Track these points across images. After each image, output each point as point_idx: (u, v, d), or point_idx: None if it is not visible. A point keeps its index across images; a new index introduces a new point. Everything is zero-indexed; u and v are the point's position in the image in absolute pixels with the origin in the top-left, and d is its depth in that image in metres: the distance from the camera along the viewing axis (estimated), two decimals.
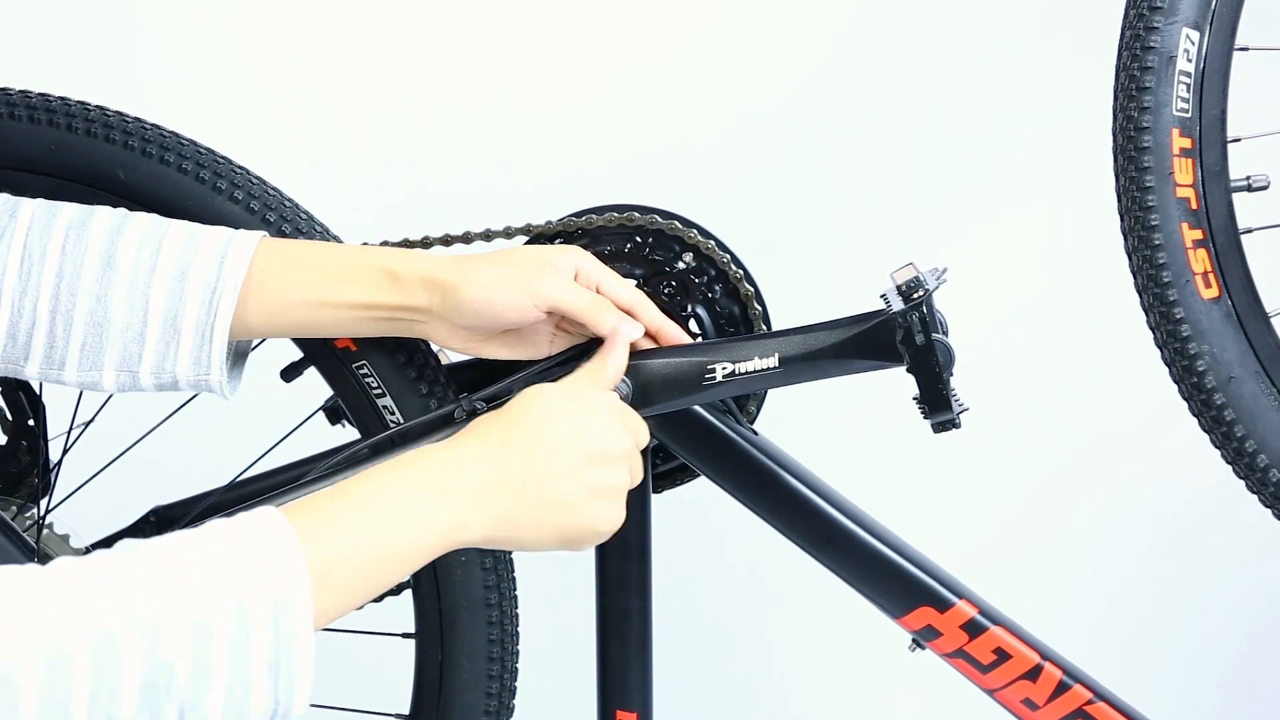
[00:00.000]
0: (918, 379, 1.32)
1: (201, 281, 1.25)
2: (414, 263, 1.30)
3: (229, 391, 1.29)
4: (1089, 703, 1.44)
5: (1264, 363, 1.39)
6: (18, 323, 1.24)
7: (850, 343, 1.34)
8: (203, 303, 1.25)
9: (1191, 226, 1.37)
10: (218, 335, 1.25)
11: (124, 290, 1.24)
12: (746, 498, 1.44)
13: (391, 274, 1.29)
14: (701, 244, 1.43)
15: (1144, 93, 1.36)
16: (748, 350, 1.36)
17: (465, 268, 1.30)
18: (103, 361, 1.25)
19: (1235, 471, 1.43)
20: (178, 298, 1.25)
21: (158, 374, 1.26)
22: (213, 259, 1.26)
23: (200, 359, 1.26)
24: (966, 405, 1.33)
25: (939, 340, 1.32)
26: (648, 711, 1.48)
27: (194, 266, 1.25)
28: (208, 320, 1.25)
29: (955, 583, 1.45)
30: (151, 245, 1.25)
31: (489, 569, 1.45)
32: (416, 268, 1.29)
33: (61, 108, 1.39)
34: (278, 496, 1.39)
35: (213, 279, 1.25)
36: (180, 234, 1.27)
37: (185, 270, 1.25)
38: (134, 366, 1.26)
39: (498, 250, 1.34)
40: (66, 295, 1.24)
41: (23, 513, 1.47)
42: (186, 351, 1.25)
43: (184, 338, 1.25)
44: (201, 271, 1.25)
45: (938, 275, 1.34)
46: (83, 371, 1.25)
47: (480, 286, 1.29)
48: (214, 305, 1.25)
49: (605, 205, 1.44)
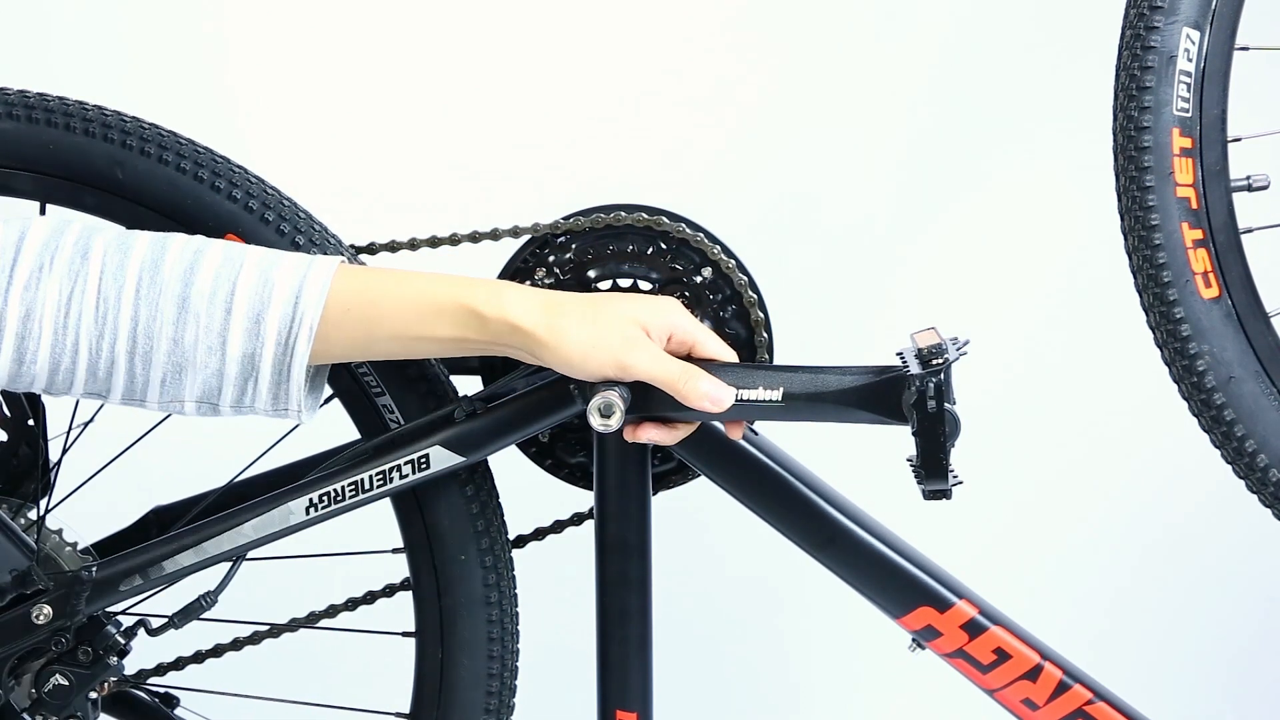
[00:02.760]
0: (919, 444, 1.33)
1: (277, 323, 1.27)
2: (499, 303, 1.30)
3: (307, 418, 1.32)
4: (1089, 703, 1.44)
5: (1264, 362, 1.39)
6: (96, 362, 1.26)
7: (858, 392, 1.35)
8: (279, 343, 1.27)
9: (1192, 226, 1.37)
10: (295, 374, 1.27)
11: (201, 335, 1.26)
12: (746, 498, 1.44)
13: (478, 316, 1.30)
14: (723, 261, 1.43)
15: (1144, 92, 1.36)
16: (754, 379, 1.36)
17: (553, 323, 1.30)
18: (183, 395, 1.28)
19: (1235, 471, 1.43)
20: (254, 338, 1.27)
21: (237, 406, 1.29)
22: (288, 299, 1.27)
23: (279, 395, 1.28)
24: (961, 479, 1.33)
25: (950, 411, 1.32)
26: (648, 711, 1.48)
27: (269, 310, 1.27)
28: (284, 359, 1.27)
29: (955, 583, 1.45)
30: (225, 288, 1.26)
31: (489, 568, 1.45)
32: (502, 311, 1.30)
33: (60, 107, 1.39)
34: (278, 497, 1.40)
35: (288, 319, 1.27)
36: (254, 273, 1.27)
37: (260, 314, 1.26)
38: (214, 399, 1.29)
39: (587, 299, 1.34)
40: (144, 339, 1.26)
41: (23, 512, 1.46)
42: (265, 389, 1.28)
43: (262, 376, 1.27)
44: (277, 314, 1.27)
45: (959, 346, 1.34)
46: (164, 403, 1.28)
47: (567, 348, 1.30)
48: (290, 346, 1.27)
49: (633, 204, 1.44)
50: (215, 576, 1.42)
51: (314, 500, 1.39)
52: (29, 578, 1.40)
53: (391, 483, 1.39)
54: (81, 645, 1.44)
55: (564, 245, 1.46)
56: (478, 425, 1.40)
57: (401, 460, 1.39)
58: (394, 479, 1.39)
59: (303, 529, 1.40)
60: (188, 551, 1.40)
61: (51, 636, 1.41)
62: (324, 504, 1.39)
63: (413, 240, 1.49)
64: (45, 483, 1.47)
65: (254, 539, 1.40)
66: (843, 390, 1.36)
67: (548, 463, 1.50)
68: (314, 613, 1.53)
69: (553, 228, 1.45)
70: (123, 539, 1.50)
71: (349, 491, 1.39)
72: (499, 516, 1.47)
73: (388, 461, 1.39)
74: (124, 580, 1.40)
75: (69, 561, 1.45)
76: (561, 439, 1.49)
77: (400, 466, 1.39)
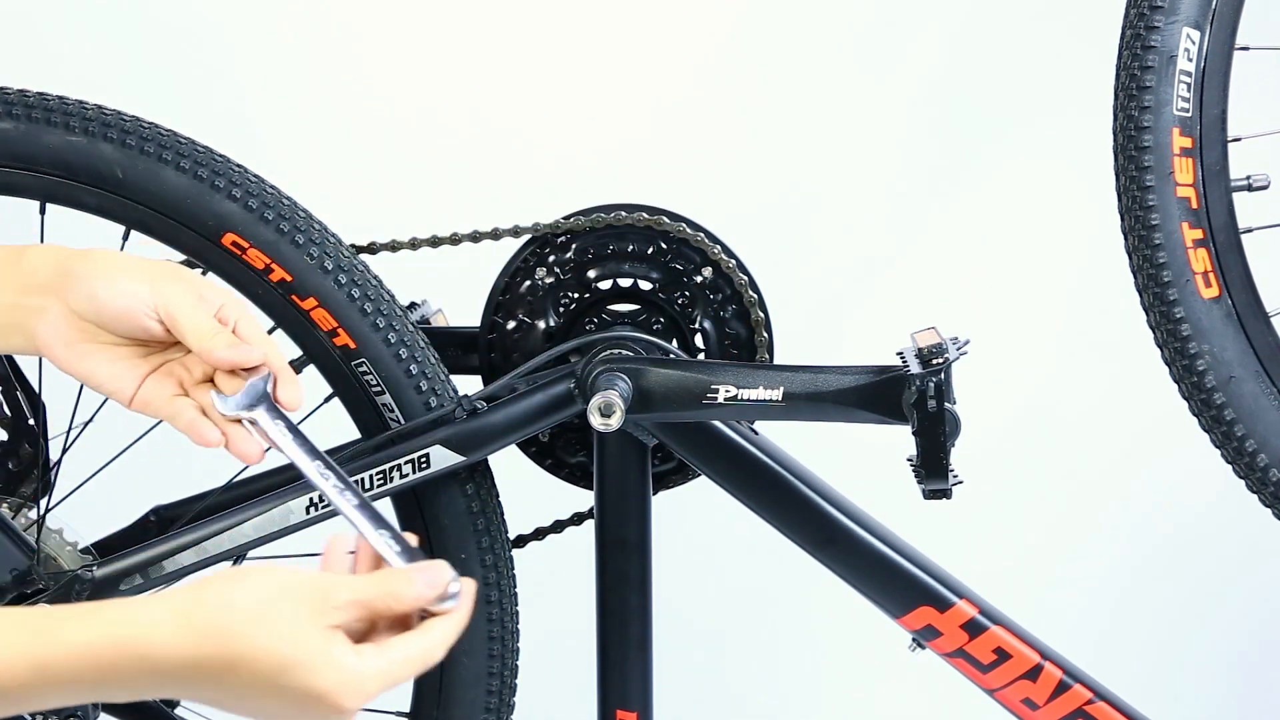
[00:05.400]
0: (919, 444, 1.33)
1: None
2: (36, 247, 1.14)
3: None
4: (1089, 703, 1.44)
5: (1264, 362, 1.39)
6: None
7: (858, 392, 1.35)
8: None
9: (1192, 226, 1.37)
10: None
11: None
12: (746, 497, 1.44)
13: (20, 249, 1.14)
14: (724, 261, 1.43)
15: (1144, 92, 1.36)
16: (755, 378, 1.37)
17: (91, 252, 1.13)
18: None
19: (1235, 471, 1.43)
20: None
21: None
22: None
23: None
24: (961, 479, 1.33)
25: (950, 410, 1.32)
26: (648, 711, 1.48)
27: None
28: None
29: (955, 583, 1.45)
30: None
31: (489, 567, 1.45)
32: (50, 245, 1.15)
33: (60, 107, 1.39)
34: (278, 497, 1.40)
35: None
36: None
37: None
38: None
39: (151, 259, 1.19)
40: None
41: (23, 512, 1.46)
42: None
43: None
44: None
45: (959, 346, 1.34)
46: None
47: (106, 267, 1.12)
48: None
49: (634, 204, 1.44)
50: None
51: (314, 500, 1.39)
52: (29, 577, 1.40)
53: (392, 482, 1.39)
54: None
55: (564, 245, 1.46)
56: (478, 425, 1.40)
57: (402, 459, 1.39)
58: (394, 478, 1.39)
59: (303, 529, 1.40)
60: (188, 551, 1.40)
61: None
62: (324, 503, 1.39)
63: (413, 240, 1.50)
64: (45, 482, 1.47)
65: (254, 539, 1.40)
66: (843, 390, 1.36)
67: (548, 462, 1.50)
68: None
69: (553, 228, 1.45)
70: (123, 539, 1.50)
71: None
72: (499, 516, 1.47)
73: (388, 461, 1.39)
74: (124, 580, 1.40)
75: (69, 561, 1.45)
76: (561, 439, 1.49)
77: (400, 466, 1.39)
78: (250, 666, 0.94)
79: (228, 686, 0.95)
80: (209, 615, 0.95)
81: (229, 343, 1.10)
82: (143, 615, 0.95)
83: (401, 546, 1.00)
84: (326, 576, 0.99)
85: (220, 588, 0.96)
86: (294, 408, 1.14)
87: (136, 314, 1.11)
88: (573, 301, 1.47)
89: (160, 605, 0.95)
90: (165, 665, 0.94)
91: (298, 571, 0.98)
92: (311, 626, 0.95)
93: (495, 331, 1.48)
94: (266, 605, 0.95)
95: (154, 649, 0.94)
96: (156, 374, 1.14)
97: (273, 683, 0.94)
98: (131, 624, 0.94)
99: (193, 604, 0.95)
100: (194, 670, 0.94)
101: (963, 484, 1.34)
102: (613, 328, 1.46)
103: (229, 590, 0.96)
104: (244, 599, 0.95)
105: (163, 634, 0.94)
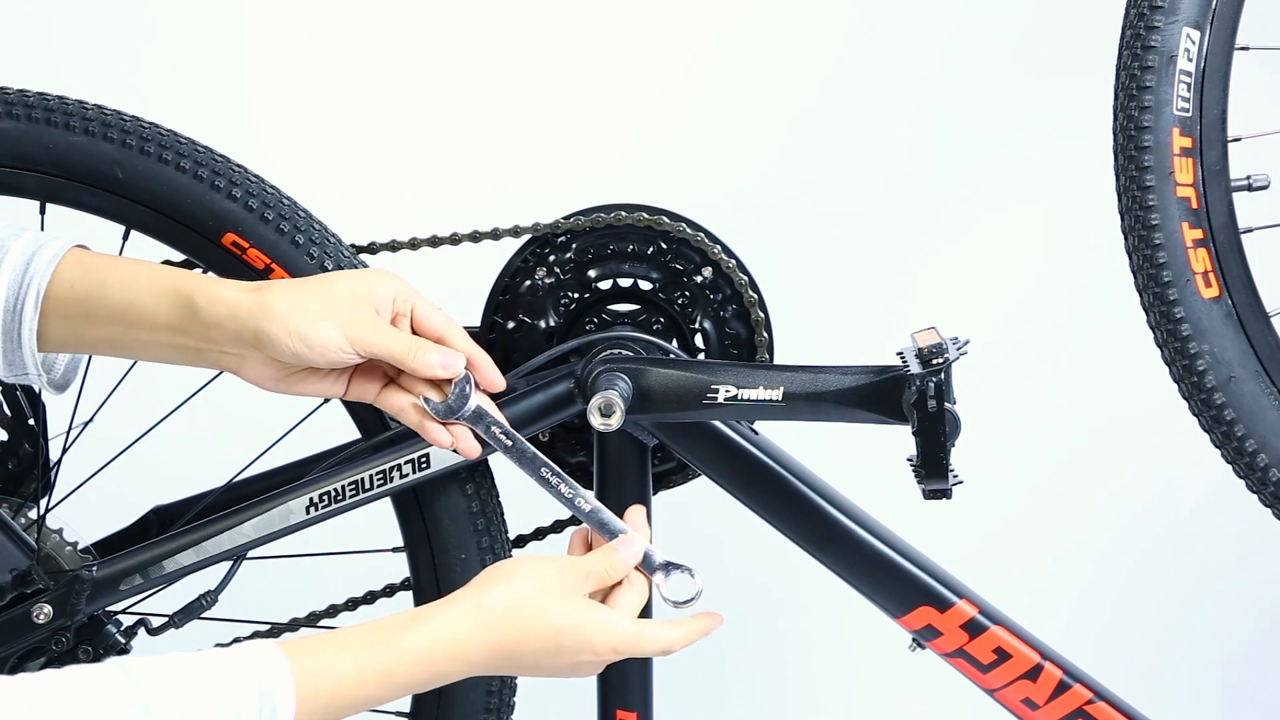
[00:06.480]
0: (919, 444, 1.33)
1: (5, 288, 1.24)
2: (214, 287, 1.26)
3: (48, 386, 1.30)
4: (1089, 702, 1.44)
5: (1264, 362, 1.39)
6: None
7: (858, 392, 1.35)
8: (6, 309, 1.24)
9: (1192, 226, 1.37)
10: (25, 339, 1.25)
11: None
12: (747, 497, 1.44)
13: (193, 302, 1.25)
14: (724, 261, 1.43)
15: (1144, 92, 1.36)
16: (754, 378, 1.37)
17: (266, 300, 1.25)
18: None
19: (1235, 471, 1.43)
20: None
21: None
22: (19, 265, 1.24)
23: (14, 361, 1.26)
24: (961, 479, 1.34)
25: (950, 410, 1.32)
26: (648, 711, 1.48)
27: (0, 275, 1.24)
28: (13, 325, 1.24)
29: (955, 583, 1.45)
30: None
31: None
32: (217, 294, 1.25)
33: (60, 106, 1.39)
34: (278, 497, 1.40)
35: (17, 285, 1.24)
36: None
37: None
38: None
39: (310, 280, 1.30)
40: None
41: (23, 512, 1.46)
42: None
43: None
44: (5, 279, 1.24)
45: (959, 346, 1.34)
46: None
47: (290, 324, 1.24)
48: (19, 312, 1.24)
49: (634, 204, 1.44)
50: (215, 576, 1.42)
51: (314, 500, 1.39)
52: (29, 577, 1.40)
53: (392, 482, 1.39)
54: (82, 645, 1.44)
55: (564, 245, 1.46)
56: None
57: (402, 459, 1.39)
58: (394, 478, 1.39)
59: (303, 528, 1.40)
60: (188, 551, 1.40)
61: (52, 636, 1.41)
62: (324, 503, 1.39)
63: (413, 240, 1.50)
64: (45, 482, 1.47)
65: (254, 538, 1.40)
66: (843, 390, 1.36)
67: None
68: (314, 612, 1.53)
69: (553, 228, 1.45)
70: (123, 539, 1.50)
71: (349, 491, 1.39)
72: (499, 516, 1.47)
73: (388, 460, 1.39)
74: (124, 580, 1.40)
75: (69, 561, 1.45)
76: (562, 439, 1.49)
77: (400, 465, 1.39)
78: (538, 638, 1.19)
79: (518, 657, 1.19)
80: (495, 605, 1.18)
81: (432, 364, 1.28)
82: (452, 616, 1.18)
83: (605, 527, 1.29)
84: (568, 559, 1.24)
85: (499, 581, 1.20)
86: (496, 389, 1.32)
87: (334, 355, 1.26)
88: (573, 301, 1.47)
89: (458, 606, 1.18)
90: (474, 654, 1.17)
91: (550, 559, 1.23)
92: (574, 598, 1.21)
93: (495, 331, 1.48)
94: (539, 590, 1.20)
95: (463, 641, 1.17)
96: (360, 371, 1.31)
97: (555, 644, 1.20)
98: (448, 625, 1.17)
99: (481, 598, 1.19)
100: (494, 652, 1.18)
101: (963, 484, 1.34)
102: (613, 328, 1.46)
103: (506, 582, 1.20)
104: (521, 587, 1.20)
105: (468, 628, 1.18)
